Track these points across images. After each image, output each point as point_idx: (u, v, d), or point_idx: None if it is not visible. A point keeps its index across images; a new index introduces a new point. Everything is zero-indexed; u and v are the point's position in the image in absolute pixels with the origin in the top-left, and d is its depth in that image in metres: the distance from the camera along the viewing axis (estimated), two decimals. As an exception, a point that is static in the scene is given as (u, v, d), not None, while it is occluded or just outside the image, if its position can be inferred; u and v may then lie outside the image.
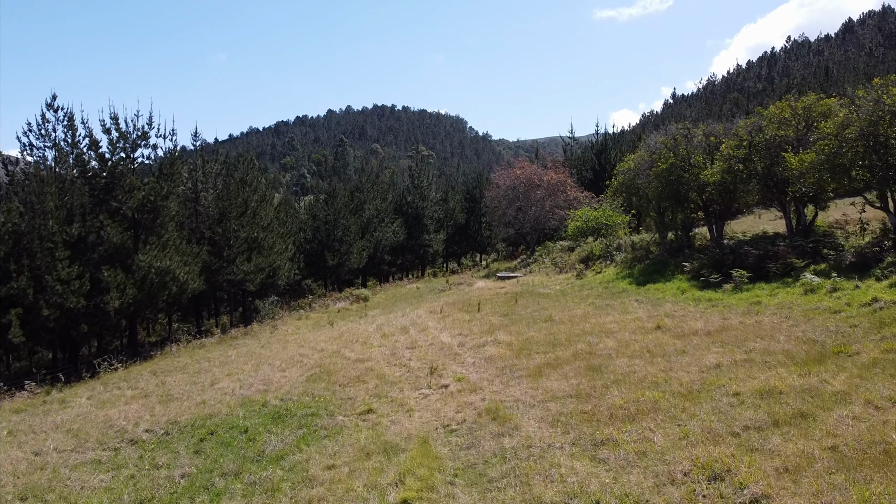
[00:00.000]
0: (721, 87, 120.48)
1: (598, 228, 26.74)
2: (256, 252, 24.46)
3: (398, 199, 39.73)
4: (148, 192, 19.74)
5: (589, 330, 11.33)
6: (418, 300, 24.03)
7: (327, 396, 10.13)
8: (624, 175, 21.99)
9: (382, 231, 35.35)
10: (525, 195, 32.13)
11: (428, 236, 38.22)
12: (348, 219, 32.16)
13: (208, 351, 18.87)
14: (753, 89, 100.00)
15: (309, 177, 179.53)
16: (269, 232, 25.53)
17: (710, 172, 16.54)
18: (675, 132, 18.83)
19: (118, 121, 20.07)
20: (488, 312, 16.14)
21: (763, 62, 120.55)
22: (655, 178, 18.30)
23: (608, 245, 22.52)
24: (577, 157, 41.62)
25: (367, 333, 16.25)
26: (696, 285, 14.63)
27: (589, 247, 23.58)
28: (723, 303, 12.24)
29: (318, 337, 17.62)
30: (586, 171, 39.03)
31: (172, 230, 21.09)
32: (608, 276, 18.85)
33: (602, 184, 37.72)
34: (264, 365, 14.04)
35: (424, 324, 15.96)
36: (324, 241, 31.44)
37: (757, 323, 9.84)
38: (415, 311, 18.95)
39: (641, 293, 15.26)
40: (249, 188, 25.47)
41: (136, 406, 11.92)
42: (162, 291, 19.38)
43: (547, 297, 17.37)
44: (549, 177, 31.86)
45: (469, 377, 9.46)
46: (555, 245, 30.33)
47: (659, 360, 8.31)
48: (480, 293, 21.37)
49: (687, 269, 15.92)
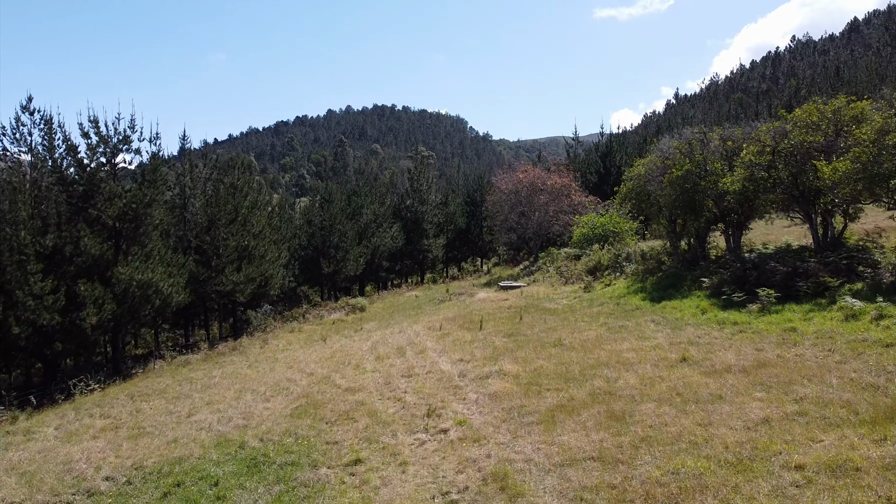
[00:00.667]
0: (724, 88, 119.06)
1: (604, 236, 25.58)
2: (247, 261, 23.32)
3: (397, 203, 38.58)
4: (129, 199, 18.60)
5: (604, 360, 10.17)
6: (417, 312, 22.87)
7: (311, 438, 8.98)
8: (633, 181, 20.82)
9: (380, 236, 34.20)
10: (528, 200, 30.98)
11: (427, 241, 37.07)
12: (345, 224, 31.01)
13: (192, 369, 17.73)
14: (758, 89, 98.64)
15: (308, 177, 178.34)
16: (260, 240, 24.38)
17: (730, 180, 15.38)
18: (690, 136, 17.65)
19: (98, 124, 18.93)
20: (491, 331, 14.99)
21: (767, 62, 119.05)
22: (669, 186, 17.13)
23: (617, 255, 21.36)
24: (582, 160, 40.46)
25: (360, 354, 15.10)
26: (718, 304, 13.47)
27: (597, 256, 22.41)
28: (751, 328, 11.07)
29: (309, 356, 16.46)
30: (591, 174, 37.87)
31: (157, 239, 19.95)
32: (619, 290, 17.68)
33: (607, 187, 36.58)
34: (248, 392, 12.89)
35: (422, 344, 14.81)
36: (319, 247, 30.29)
37: (798, 357, 8.68)
38: (412, 327, 17.79)
39: (657, 311, 14.09)
40: (240, 193, 24.33)
41: (102, 442, 10.77)
42: (144, 305, 18.24)
43: (554, 314, 16.20)
44: (553, 181, 30.70)
45: (471, 421, 8.31)
46: (559, 252, 29.16)
47: (693, 409, 7.15)
48: (482, 306, 20.22)
49: (706, 284, 14.76)
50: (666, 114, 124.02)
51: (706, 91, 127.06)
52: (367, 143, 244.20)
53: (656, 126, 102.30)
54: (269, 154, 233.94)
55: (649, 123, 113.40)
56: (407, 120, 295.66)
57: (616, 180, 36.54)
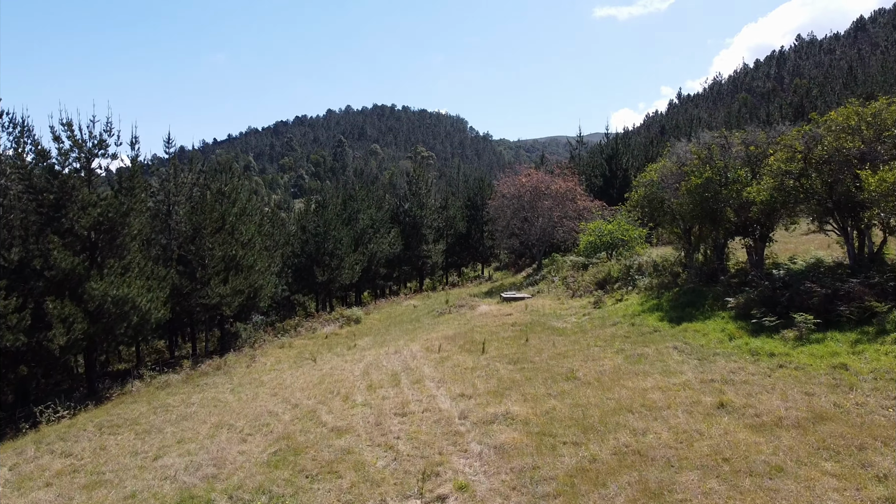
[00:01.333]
0: (728, 87, 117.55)
1: (612, 244, 24.26)
2: (234, 272, 21.98)
3: (395, 208, 37.26)
4: (104, 208, 17.27)
5: (627, 402, 8.85)
6: (414, 326, 21.56)
7: (288, 499, 7.67)
8: (646, 188, 19.50)
9: (377, 243, 32.87)
10: (531, 205, 29.65)
11: (426, 247, 35.74)
12: (340, 230, 29.68)
13: (171, 393, 16.40)
14: (763, 89, 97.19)
15: (307, 178, 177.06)
16: (249, 249, 23.04)
17: (756, 190, 14.05)
18: (709, 140, 16.32)
19: (72, 127, 17.59)
20: (494, 355, 13.67)
21: (771, 61, 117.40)
22: (687, 194, 15.81)
23: (628, 267, 20.04)
24: (586, 163, 39.13)
25: (351, 380, 13.78)
26: (746, 328, 12.15)
27: (606, 268, 21.08)
28: (791, 361, 9.75)
29: (297, 380, 15.14)
30: (596, 177, 36.55)
31: (136, 251, 18.61)
32: (632, 307, 16.35)
33: (613, 191, 35.26)
34: (224, 427, 11.56)
35: (419, 369, 13.49)
36: (313, 255, 28.96)
37: (860, 409, 7.36)
38: (409, 347, 16.47)
39: (678, 336, 12.77)
40: (228, 200, 22.99)
41: (53, 493, 9.45)
42: (119, 323, 16.91)
43: (563, 335, 14.88)
44: (558, 185, 29.38)
45: (475, 485, 6.98)
46: (564, 260, 27.84)
47: (748, 485, 5.82)
48: (484, 322, 18.89)
49: (731, 304, 13.43)
50: (669, 114, 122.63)
51: (709, 91, 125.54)
52: (366, 143, 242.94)
53: (660, 126, 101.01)
54: (268, 154, 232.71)
55: (652, 124, 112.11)
56: (407, 120, 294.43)
57: (622, 184, 35.23)
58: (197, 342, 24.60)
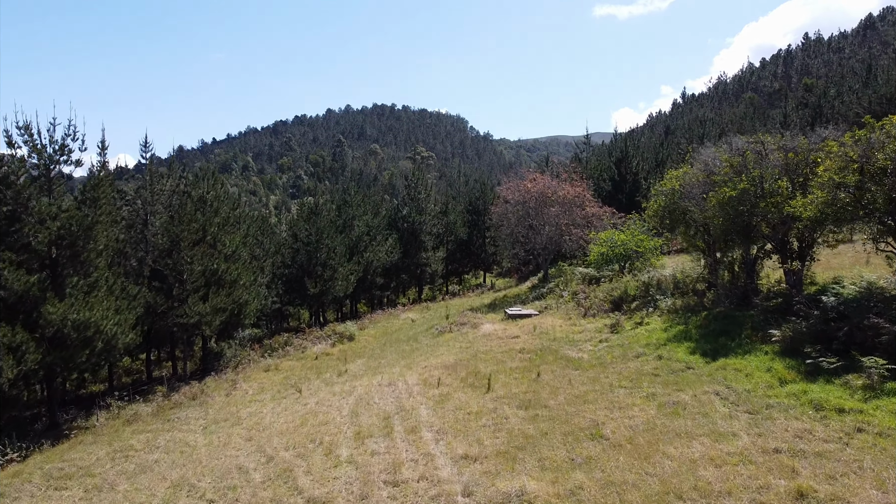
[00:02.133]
0: (733, 87, 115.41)
1: (626, 255, 22.45)
2: (216, 288, 20.20)
3: (392, 213, 35.45)
4: (66, 221, 15.49)
5: (673, 482, 7.04)
6: (412, 347, 19.77)
7: None
8: (666, 197, 17.72)
9: (374, 251, 31.07)
10: (537, 212, 27.84)
11: (426, 255, 33.96)
12: (333, 239, 27.89)
13: (137, 430, 14.62)
14: (769, 89, 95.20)
15: (306, 178, 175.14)
16: (233, 262, 21.27)
17: (803, 203, 12.25)
18: (743, 146, 14.51)
19: (30, 131, 15.82)
20: (502, 395, 11.89)
21: (777, 60, 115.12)
22: (719, 207, 14.01)
23: (647, 284, 18.23)
24: (593, 166, 37.30)
25: (338, 421, 12.01)
26: (798, 369, 10.36)
27: (622, 284, 19.28)
28: (869, 422, 7.96)
29: (277, 419, 13.37)
30: (604, 181, 34.73)
31: (103, 267, 16.84)
32: (655, 334, 14.56)
33: (622, 196, 33.45)
34: (185, 489, 9.78)
35: (415, 412, 11.70)
36: (304, 265, 27.17)
37: None
38: (404, 378, 14.70)
39: (717, 375, 10.97)
40: (210, 209, 21.21)
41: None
42: (81, 351, 15.13)
43: (579, 368, 13.08)
44: (566, 191, 27.57)
45: None
46: (572, 271, 26.05)
47: None
48: (488, 346, 17.09)
49: (775, 338, 11.63)
50: (673, 113, 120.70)
51: (714, 91, 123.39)
52: (366, 143, 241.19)
53: (664, 126, 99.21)
54: (267, 154, 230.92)
55: (656, 123, 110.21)
56: (407, 119, 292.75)
57: (632, 188, 33.43)
58: (177, 361, 22.80)
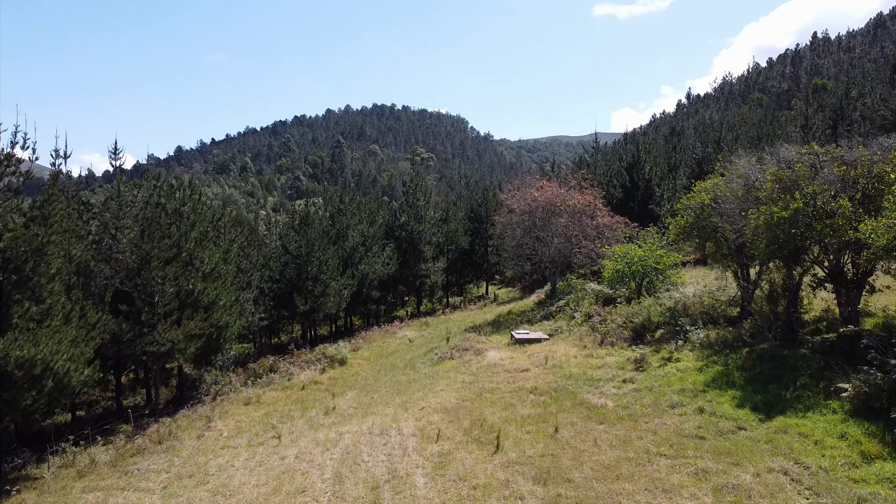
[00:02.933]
0: (739, 87, 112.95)
1: (643, 272, 20.44)
2: (192, 311, 18.21)
3: (390, 221, 33.44)
4: (10, 242, 13.50)
5: None
6: (408, 378, 17.75)
7: None
8: (696, 212, 15.72)
9: (370, 263, 29.07)
10: (545, 222, 25.84)
11: (425, 266, 31.95)
12: (326, 251, 25.88)
13: (88, 488, 12.60)
14: (778, 89, 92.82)
15: (304, 179, 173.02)
16: (212, 281, 19.28)
17: (874, 228, 10.25)
18: (793, 158, 12.49)
19: (-28, 138, 13.83)
20: (514, 458, 9.90)
21: (785, 60, 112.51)
22: (766, 229, 12.00)
23: (672, 310, 16.21)
24: (602, 171, 35.27)
25: (318, 488, 10.03)
26: (881, 437, 8.40)
27: (644, 310, 17.22)
28: None
29: (249, 479, 11.38)
30: (614, 187, 32.71)
31: (59, 292, 14.84)
32: (689, 375, 12.55)
33: (634, 204, 31.42)
34: None
35: (409, 479, 9.72)
36: (293, 280, 25.17)
37: None
38: (398, 425, 12.71)
39: (778, 442, 8.98)
40: (186, 223, 19.22)
41: None
42: (27, 392, 13.14)
43: (604, 421, 11.08)
44: (575, 200, 25.56)
45: None
46: (582, 285, 24.07)
47: None
48: (494, 381, 15.08)
49: (846, 393, 9.63)
50: (677, 114, 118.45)
51: (720, 91, 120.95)
52: (365, 143, 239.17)
53: (669, 127, 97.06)
54: (265, 155, 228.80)
55: (660, 124, 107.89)
56: (407, 119, 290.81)
57: (645, 195, 31.43)
58: (150, 390, 20.78)
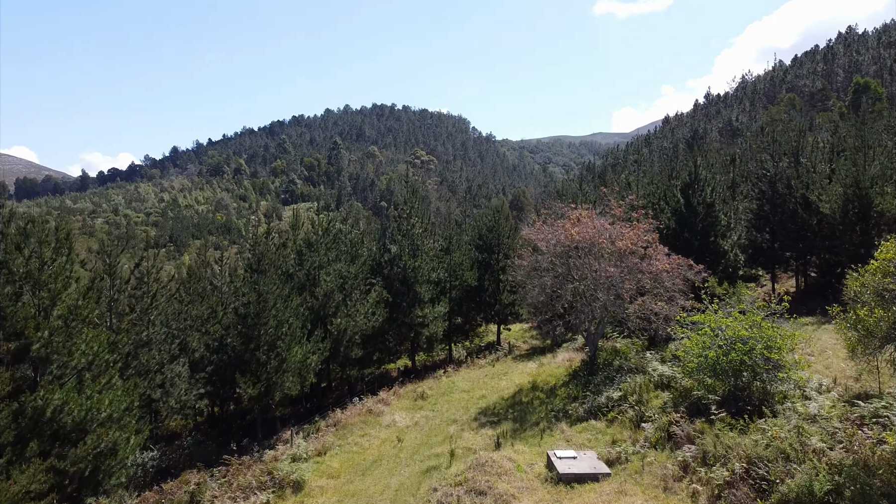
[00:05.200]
0: (764, 87, 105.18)
1: (752, 366, 13.42)
2: (40, 442, 11.26)
3: (376, 255, 26.50)
4: None
5: None
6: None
7: None
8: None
9: (349, 314, 22.14)
10: (584, 268, 18.89)
11: (421, 312, 25.00)
12: (286, 305, 18.97)
13: None
14: (810, 88, 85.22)
15: (300, 183, 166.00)
16: (88, 387, 12.34)
17: None
18: None
19: None
20: None
21: (815, 56, 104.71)
22: None
23: (856, 479, 9.18)
24: (647, 190, 28.29)
25: None
26: None
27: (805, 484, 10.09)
28: None
29: None
30: (661, 211, 25.71)
31: None
32: None
33: (692, 237, 24.35)
34: None
35: None
36: (238, 352, 18.22)
37: None
38: None
39: None
40: (46, 293, 12.28)
41: None
42: None
43: None
44: (626, 238, 18.57)
45: None
46: (638, 358, 17.21)
47: None
48: None
49: None
50: (695, 115, 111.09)
51: (740, 91, 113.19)
52: (364, 144, 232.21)
53: (689, 130, 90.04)
54: (261, 156, 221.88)
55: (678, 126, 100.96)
56: (407, 120, 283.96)
57: (707, 225, 24.40)
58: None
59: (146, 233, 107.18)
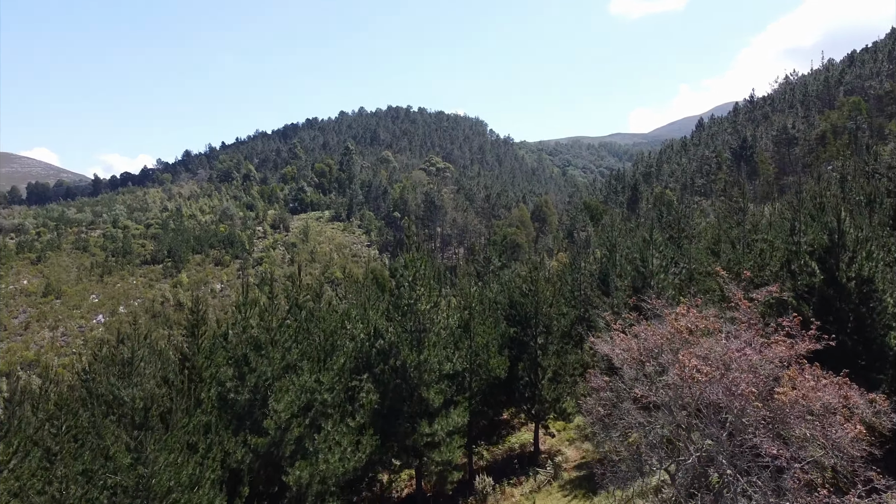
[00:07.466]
0: (817, 88, 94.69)
1: None
2: None
3: (367, 347, 18.65)
4: None
5: None
6: None
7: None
8: None
9: (318, 457, 14.37)
10: (706, 419, 10.86)
11: (430, 428, 17.13)
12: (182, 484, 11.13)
13: None
14: (878, 90, 75.15)
15: (309, 190, 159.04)
16: None
17: None
18: None
19: None
20: None
21: (877, 54, 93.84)
22: None
23: None
24: (748, 235, 20.02)
25: None
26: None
27: None
28: None
29: None
30: (784, 289, 17.48)
31: None
32: None
33: (838, 329, 16.07)
34: None
35: None
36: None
37: None
38: None
39: None
40: None
41: None
42: None
43: None
44: (790, 390, 10.43)
45: None
46: None
47: None
48: None
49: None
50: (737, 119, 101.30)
51: (789, 92, 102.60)
52: (378, 148, 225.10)
53: (736, 136, 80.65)
54: (273, 161, 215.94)
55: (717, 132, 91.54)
56: (423, 122, 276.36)
57: (860, 313, 16.06)
58: None
59: (143, 247, 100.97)
